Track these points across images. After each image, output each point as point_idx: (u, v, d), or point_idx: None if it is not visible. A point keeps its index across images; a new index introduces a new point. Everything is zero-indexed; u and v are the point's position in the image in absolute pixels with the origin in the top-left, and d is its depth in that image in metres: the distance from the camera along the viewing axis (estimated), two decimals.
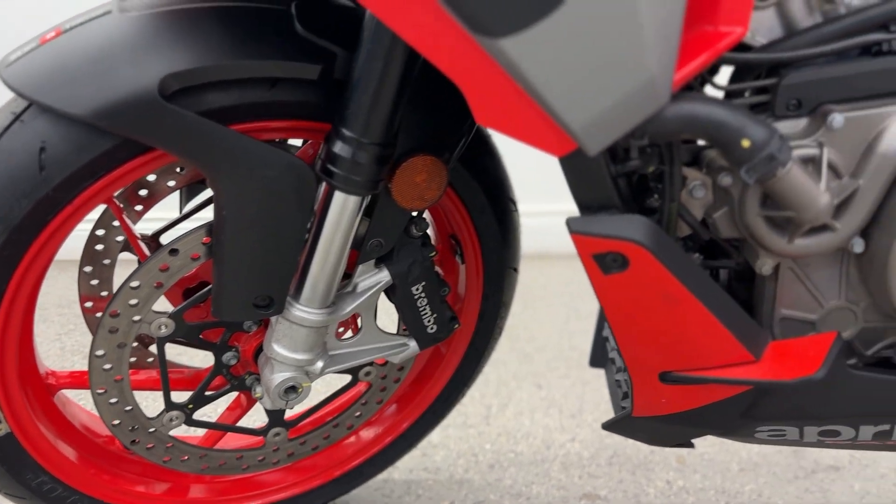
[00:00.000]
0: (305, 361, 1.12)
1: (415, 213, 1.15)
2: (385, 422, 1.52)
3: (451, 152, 1.08)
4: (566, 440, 1.84)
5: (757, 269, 0.98)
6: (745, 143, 0.84)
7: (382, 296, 1.20)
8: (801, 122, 0.92)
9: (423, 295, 1.19)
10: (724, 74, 1.00)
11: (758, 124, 0.84)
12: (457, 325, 1.29)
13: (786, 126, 0.92)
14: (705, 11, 0.81)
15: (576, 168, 0.88)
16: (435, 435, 1.89)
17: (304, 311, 1.08)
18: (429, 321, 1.23)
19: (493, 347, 1.49)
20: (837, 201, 0.90)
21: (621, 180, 0.94)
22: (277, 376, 1.12)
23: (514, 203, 1.32)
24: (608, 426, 1.26)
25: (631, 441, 1.83)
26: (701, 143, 1.00)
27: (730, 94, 0.95)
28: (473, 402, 2.03)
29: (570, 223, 0.90)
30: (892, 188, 0.91)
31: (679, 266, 0.92)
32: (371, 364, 1.31)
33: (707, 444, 1.78)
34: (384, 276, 1.15)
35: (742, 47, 0.94)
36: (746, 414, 1.07)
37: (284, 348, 1.11)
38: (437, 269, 1.24)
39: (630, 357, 1.06)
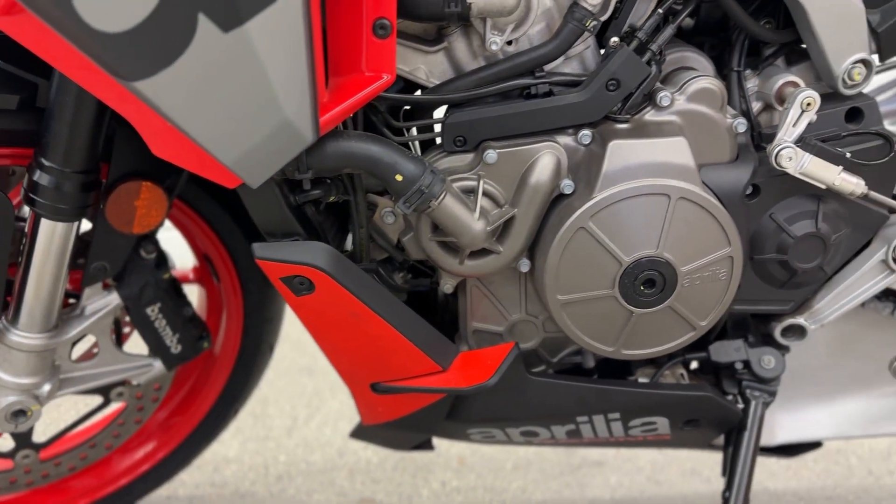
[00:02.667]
0: (30, 385, 1.14)
1: (146, 234, 1.19)
2: (156, 439, 1.55)
3: (172, 179, 1.13)
4: (360, 447, 1.91)
5: (441, 287, 1.08)
6: (399, 178, 0.93)
7: None
8: (468, 157, 1.02)
9: (160, 316, 1.23)
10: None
11: (409, 161, 0.94)
12: (206, 345, 1.33)
13: (454, 160, 1.02)
14: (353, 61, 0.90)
15: (252, 198, 0.95)
16: (231, 449, 1.93)
17: (21, 335, 1.10)
18: (171, 341, 1.27)
19: (265, 363, 1.54)
20: (492, 227, 1.00)
21: (310, 208, 1.01)
22: (2, 401, 1.14)
23: None
24: (353, 434, 1.34)
25: None
26: None
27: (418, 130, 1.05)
28: (282, 414, 2.07)
29: (255, 249, 0.98)
30: (546, 215, 1.03)
31: (360, 288, 1.00)
32: (123, 384, 1.34)
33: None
34: (113, 298, 1.19)
35: (419, 88, 1.04)
36: (450, 418, 1.17)
37: (6, 373, 1.13)
38: (180, 287, 1.29)
39: (342, 370, 1.15)
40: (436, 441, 1.39)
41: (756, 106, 1.09)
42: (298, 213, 0.98)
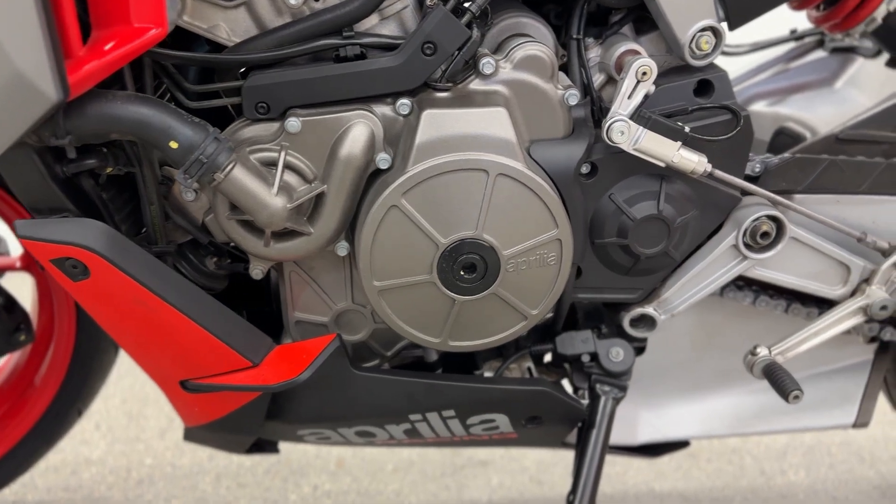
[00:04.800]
0: None
1: None
2: None
3: None
4: None
5: (251, 272, 0.98)
6: (173, 145, 0.82)
7: None
8: (273, 126, 0.92)
9: None
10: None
11: (188, 126, 0.83)
12: (24, 338, 1.22)
13: (258, 129, 0.92)
14: (119, 12, 0.79)
15: (9, 168, 0.84)
16: (97, 450, 1.80)
17: None
18: None
19: (109, 360, 1.41)
20: (295, 204, 0.90)
21: (88, 181, 0.90)
22: None
23: None
24: (185, 437, 1.22)
25: (300, 446, 1.83)
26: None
27: (206, 96, 0.94)
28: (159, 415, 1.94)
29: (17, 226, 0.86)
30: (364, 191, 0.93)
31: (145, 272, 0.89)
32: None
33: None
34: None
35: (220, 47, 0.93)
36: (274, 418, 1.07)
37: None
38: None
39: (146, 367, 1.03)
40: None
41: (598, 78, 1.01)
42: (70, 187, 0.87)
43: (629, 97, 0.94)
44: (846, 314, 1.04)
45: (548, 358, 1.17)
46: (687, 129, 0.94)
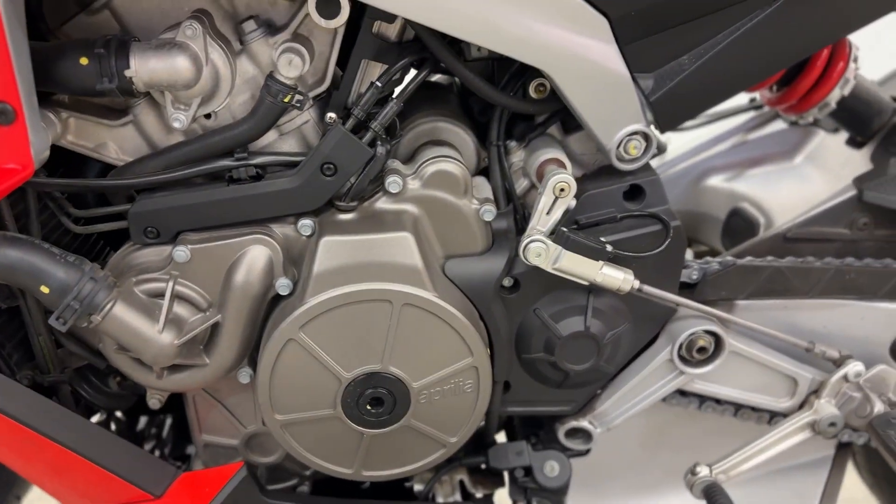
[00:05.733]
0: None
1: None
2: None
3: None
4: None
5: (148, 402, 0.92)
6: (45, 290, 0.76)
7: None
8: (165, 251, 0.85)
9: None
10: None
11: (60, 267, 0.77)
12: None
13: (149, 254, 0.86)
14: None
15: None
16: None
17: None
18: None
19: None
20: (184, 340, 0.83)
21: None
22: None
23: None
24: None
25: None
26: None
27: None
28: None
29: None
30: (267, 318, 0.87)
31: (29, 412, 0.83)
32: None
33: None
34: None
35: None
36: None
37: None
38: None
39: (57, 496, 0.98)
40: None
41: (522, 183, 0.94)
42: None
43: (548, 213, 0.87)
44: (792, 430, 0.97)
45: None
46: (609, 247, 0.87)
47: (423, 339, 0.84)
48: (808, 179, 1.21)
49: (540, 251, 0.86)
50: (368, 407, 0.85)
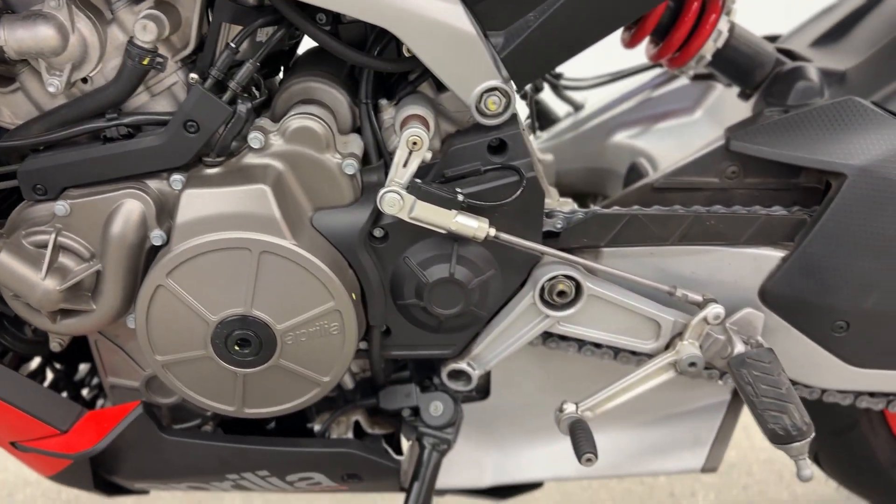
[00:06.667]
0: None
1: None
2: None
3: None
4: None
5: (50, 345, 1.00)
6: None
7: None
8: (53, 207, 0.93)
9: None
10: None
11: None
12: None
13: (39, 210, 0.94)
14: None
15: None
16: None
17: None
18: None
19: None
20: (66, 286, 0.91)
21: None
22: None
23: None
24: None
25: None
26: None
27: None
28: None
29: None
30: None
31: None
32: None
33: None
34: None
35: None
36: (107, 473, 1.10)
37: None
38: None
39: None
40: None
41: (395, 139, 1.00)
42: None
43: (404, 166, 0.92)
44: (655, 370, 1.02)
45: None
46: (461, 197, 0.93)
47: (284, 284, 0.91)
48: (704, 133, 1.24)
49: (394, 202, 0.92)
50: (237, 347, 0.92)
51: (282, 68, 1.11)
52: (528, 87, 1.40)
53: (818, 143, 0.99)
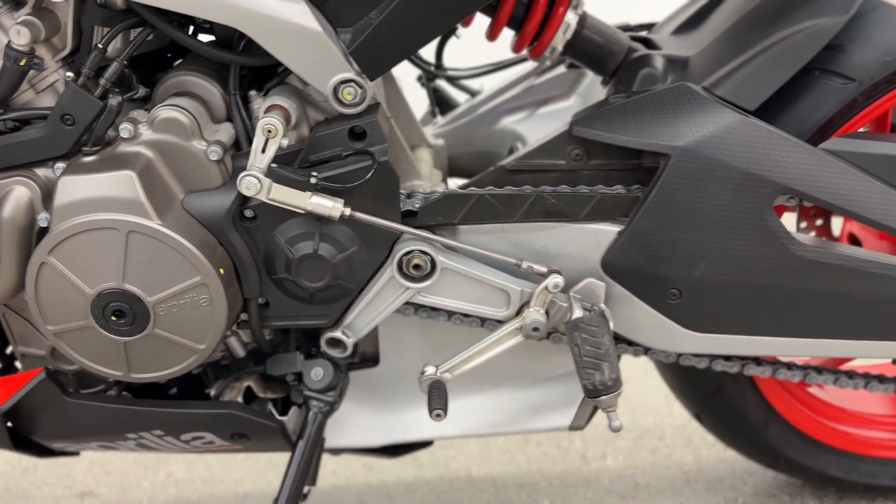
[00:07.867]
0: None
1: None
2: None
3: None
4: None
5: None
6: None
7: None
8: None
9: None
10: None
11: None
12: None
13: None
14: None
15: None
16: None
17: None
18: None
19: None
20: None
21: None
22: None
23: None
24: None
25: None
26: None
27: None
28: None
29: None
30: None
31: None
32: None
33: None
34: None
35: None
36: (24, 432, 1.21)
37: None
38: None
39: None
40: None
41: None
42: None
43: (262, 152, 1.02)
44: (504, 335, 1.12)
45: None
46: (314, 179, 1.03)
47: (151, 260, 1.01)
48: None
49: (251, 185, 1.02)
50: (114, 318, 1.03)
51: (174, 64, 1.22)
52: (423, 76, 1.51)
53: (649, 126, 1.08)
